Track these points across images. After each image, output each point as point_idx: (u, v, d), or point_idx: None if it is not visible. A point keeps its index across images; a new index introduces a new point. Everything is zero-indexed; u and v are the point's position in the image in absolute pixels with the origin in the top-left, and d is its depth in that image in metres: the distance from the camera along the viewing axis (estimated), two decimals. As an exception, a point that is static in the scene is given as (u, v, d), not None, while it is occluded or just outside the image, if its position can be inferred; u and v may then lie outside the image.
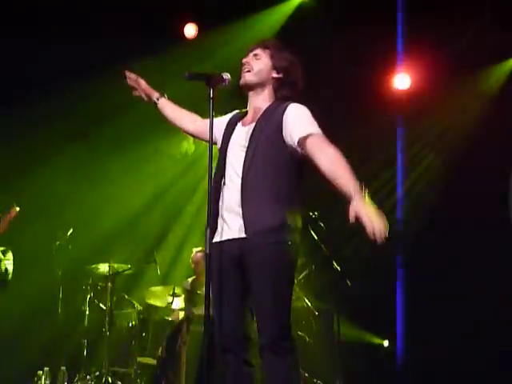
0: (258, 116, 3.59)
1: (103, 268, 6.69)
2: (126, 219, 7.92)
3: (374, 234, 3.03)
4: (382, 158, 7.83)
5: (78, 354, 6.64)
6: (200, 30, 7.90)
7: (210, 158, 3.51)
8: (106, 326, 6.56)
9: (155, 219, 8.19)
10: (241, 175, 3.45)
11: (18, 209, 6.37)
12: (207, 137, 3.56)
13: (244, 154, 3.49)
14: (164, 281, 7.14)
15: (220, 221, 3.51)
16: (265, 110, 3.60)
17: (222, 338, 3.48)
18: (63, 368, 6.45)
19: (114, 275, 6.69)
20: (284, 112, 3.51)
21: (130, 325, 6.74)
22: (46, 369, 6.45)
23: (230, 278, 3.45)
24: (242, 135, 3.58)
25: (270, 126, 3.51)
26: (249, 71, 3.66)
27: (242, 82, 3.68)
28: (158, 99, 4.02)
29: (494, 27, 7.27)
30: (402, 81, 7.86)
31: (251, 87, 3.68)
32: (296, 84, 3.71)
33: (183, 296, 6.81)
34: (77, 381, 6.44)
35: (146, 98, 4.06)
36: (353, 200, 3.11)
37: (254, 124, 3.58)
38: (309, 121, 3.48)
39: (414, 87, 7.79)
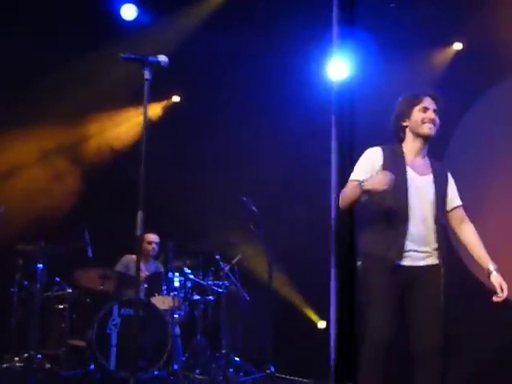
0: (430, 168, 4.22)
1: (35, 248, 6.61)
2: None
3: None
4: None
5: (7, 336, 6.56)
6: (139, 12, 7.80)
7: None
8: (36, 308, 6.50)
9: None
10: (433, 218, 4.12)
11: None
12: None
13: (432, 201, 4.14)
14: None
15: (406, 247, 4.10)
16: (434, 165, 4.24)
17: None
18: (-9, 349, 6.38)
19: (46, 256, 6.63)
20: (447, 176, 4.28)
21: (61, 307, 6.68)
22: (-26, 350, 6.36)
23: (400, 294, 4.09)
24: (424, 185, 4.15)
25: (444, 184, 4.24)
26: (434, 125, 4.16)
27: (429, 133, 4.16)
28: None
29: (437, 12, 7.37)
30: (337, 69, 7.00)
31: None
32: None
33: (115, 278, 6.80)
34: (5, 362, 6.36)
35: None
36: (491, 272, 4.12)
37: (431, 176, 4.20)
38: (457, 191, 4.29)
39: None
